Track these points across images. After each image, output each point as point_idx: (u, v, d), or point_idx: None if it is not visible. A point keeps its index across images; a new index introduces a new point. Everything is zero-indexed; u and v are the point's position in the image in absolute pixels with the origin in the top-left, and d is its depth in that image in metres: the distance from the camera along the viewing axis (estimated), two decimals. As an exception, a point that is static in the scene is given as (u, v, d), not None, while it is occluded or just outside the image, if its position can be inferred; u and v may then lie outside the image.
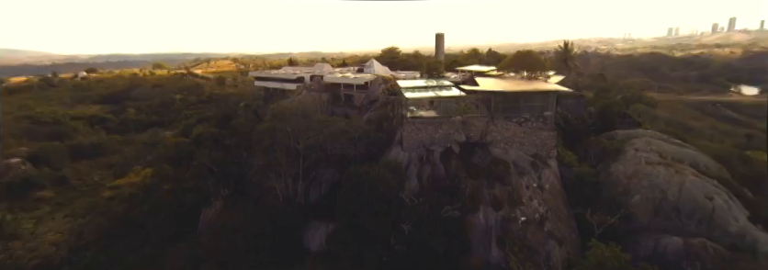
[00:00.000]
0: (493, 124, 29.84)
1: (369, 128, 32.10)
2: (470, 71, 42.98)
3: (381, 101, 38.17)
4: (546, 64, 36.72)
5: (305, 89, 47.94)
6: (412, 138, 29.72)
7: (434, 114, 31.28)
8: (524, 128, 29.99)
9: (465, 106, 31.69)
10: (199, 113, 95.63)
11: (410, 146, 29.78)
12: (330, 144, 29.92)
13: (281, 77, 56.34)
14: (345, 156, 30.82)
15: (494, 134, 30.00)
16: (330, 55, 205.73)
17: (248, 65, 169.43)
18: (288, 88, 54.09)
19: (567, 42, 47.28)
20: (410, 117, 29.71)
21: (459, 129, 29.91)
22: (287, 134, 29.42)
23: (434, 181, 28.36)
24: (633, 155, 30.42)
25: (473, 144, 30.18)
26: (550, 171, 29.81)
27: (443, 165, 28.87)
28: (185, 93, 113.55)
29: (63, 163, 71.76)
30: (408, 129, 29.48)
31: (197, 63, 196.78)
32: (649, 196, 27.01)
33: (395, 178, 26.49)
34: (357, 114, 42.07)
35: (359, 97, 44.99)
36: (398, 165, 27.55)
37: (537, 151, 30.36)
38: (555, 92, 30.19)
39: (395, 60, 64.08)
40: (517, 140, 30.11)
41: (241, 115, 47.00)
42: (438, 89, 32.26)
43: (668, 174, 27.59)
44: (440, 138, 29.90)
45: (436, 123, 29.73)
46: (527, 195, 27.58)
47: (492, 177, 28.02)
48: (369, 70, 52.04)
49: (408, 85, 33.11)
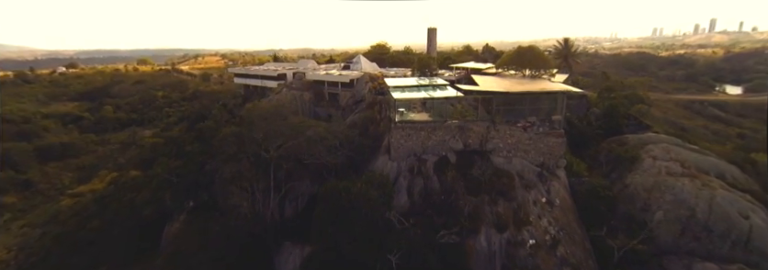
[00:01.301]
0: (495, 129, 25.19)
1: (352, 133, 27.15)
2: (466, 68, 38.26)
3: (368, 101, 33.20)
4: (549, 61, 32.15)
5: (285, 87, 42.61)
6: (402, 145, 24.91)
7: (427, 117, 26.50)
8: (529, 133, 25.42)
9: (462, 109, 27.01)
10: (181, 111, 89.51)
11: (399, 155, 24.98)
12: (305, 152, 24.91)
13: (261, 74, 50.83)
14: (325, 165, 25.89)
15: (496, 141, 25.37)
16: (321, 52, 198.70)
17: (237, 62, 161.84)
18: (269, 86, 48.72)
19: (567, 38, 42.87)
20: (399, 121, 24.86)
21: (456, 135, 25.20)
22: (254, 141, 24.30)
23: (426, 196, 23.66)
24: (651, 165, 26.18)
25: (472, 152, 25.53)
26: (560, 183, 25.38)
27: (437, 177, 24.17)
28: (167, 90, 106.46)
29: (30, 166, 65.29)
30: (396, 136, 24.65)
31: (185, 59, 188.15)
32: (675, 213, 22.78)
33: (381, 195, 21.69)
34: (342, 115, 37.06)
35: (344, 96, 39.94)
36: (384, 180, 22.75)
37: (544, 159, 25.87)
38: (564, 93, 25.66)
39: (384, 56, 58.94)
40: (522, 148, 25.55)
41: (214, 115, 41.53)
42: (431, 89, 27.45)
43: (694, 188, 23.38)
44: (434, 145, 25.16)
45: (429, 128, 24.95)
46: (535, 212, 23.12)
47: (495, 192, 23.44)
48: (356, 67, 46.89)
49: (397, 84, 28.20)
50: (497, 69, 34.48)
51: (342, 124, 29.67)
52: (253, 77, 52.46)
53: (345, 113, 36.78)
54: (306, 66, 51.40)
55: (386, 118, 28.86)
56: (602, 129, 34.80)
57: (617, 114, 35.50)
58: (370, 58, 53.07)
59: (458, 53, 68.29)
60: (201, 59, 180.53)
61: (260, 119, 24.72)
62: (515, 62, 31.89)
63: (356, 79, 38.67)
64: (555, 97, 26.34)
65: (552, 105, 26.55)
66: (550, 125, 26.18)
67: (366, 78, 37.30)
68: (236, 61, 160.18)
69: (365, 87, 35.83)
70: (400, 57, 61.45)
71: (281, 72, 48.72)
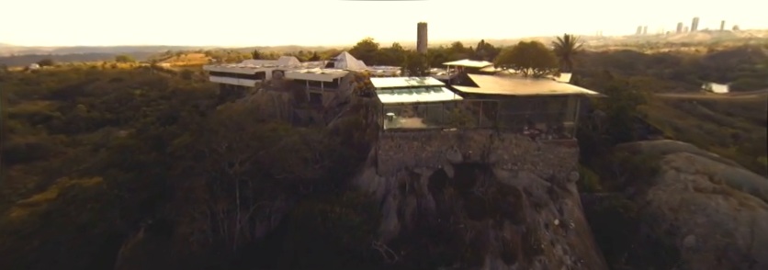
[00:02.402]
0: (499, 138, 21.25)
1: (333, 142, 22.87)
2: (460, 66, 34.24)
3: (352, 104, 28.91)
4: (554, 59, 28.34)
5: (262, 87, 37.93)
6: (391, 157, 20.77)
7: (421, 124, 22.41)
8: (538, 142, 21.58)
9: (460, 114, 22.99)
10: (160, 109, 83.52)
11: (387, 169, 20.84)
12: (278, 166, 20.57)
13: (238, 72, 45.95)
14: (301, 179, 21.61)
15: (500, 152, 21.43)
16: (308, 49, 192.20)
17: (221, 59, 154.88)
18: (246, 85, 43.96)
19: (568, 35, 39.23)
20: (387, 129, 20.69)
21: (454, 145, 21.17)
22: (215, 153, 19.85)
23: (420, 219, 19.61)
24: (675, 178, 22.64)
25: (472, 165, 21.56)
26: (573, 200, 21.63)
27: (433, 196, 20.14)
28: (146, 88, 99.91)
29: (-8, 169, 59.07)
30: (385, 147, 20.48)
31: (167, 56, 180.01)
32: (709, 238, 19.21)
33: (366, 220, 17.58)
34: (324, 118, 32.69)
35: (328, 97, 35.54)
36: (370, 201, 18.60)
37: (554, 172, 22.08)
38: (579, 96, 21.83)
39: (371, 53, 54.44)
40: (529, 160, 21.70)
41: (183, 118, 36.66)
42: (424, 90, 23.34)
43: (730, 208, 19.86)
44: (429, 157, 21.09)
45: (424, 137, 20.85)
46: (548, 237, 19.30)
47: (500, 213, 19.55)
48: (341, 64, 42.40)
49: (385, 85, 23.96)
50: (495, 67, 30.55)
51: (322, 130, 25.34)
52: (229, 75, 47.55)
53: (328, 116, 32.44)
54: (286, 64, 46.70)
55: (372, 124, 24.68)
56: (609, 133, 31.27)
57: (626, 117, 32.03)
58: (356, 55, 48.58)
59: (449, 51, 64.26)
60: (184, 56, 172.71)
61: (221, 127, 20.18)
62: (516, 60, 27.96)
63: (340, 78, 34.30)
64: (566, 101, 22.54)
65: (563, 109, 22.75)
66: (559, 132, 22.42)
67: (350, 77, 32.96)
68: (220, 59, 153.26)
69: (349, 88, 31.51)
70: (389, 54, 57.09)
71: (259, 70, 44.02)
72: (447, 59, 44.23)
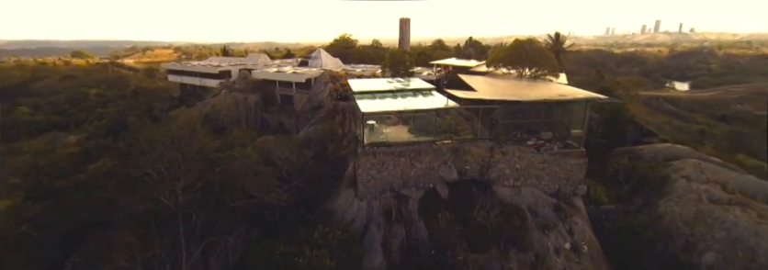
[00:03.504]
0: (500, 151, 17.96)
1: (304, 156, 18.81)
2: (448, 66, 30.85)
3: (327, 109, 24.85)
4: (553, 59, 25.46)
5: (226, 88, 33.02)
6: (373, 177, 17.00)
7: (407, 134, 18.78)
8: (543, 154, 18.49)
9: (452, 122, 19.54)
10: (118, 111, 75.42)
11: (369, 191, 17.07)
12: (231, 192, 16.31)
13: (200, 71, 40.54)
14: (265, 204, 17.44)
15: (501, 166, 18.16)
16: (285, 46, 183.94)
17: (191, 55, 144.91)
18: (209, 86, 38.73)
19: (558, 33, 36.72)
20: (368, 143, 16.87)
21: (449, 160, 17.68)
22: (150, 177, 15.32)
23: (410, 252, 15.99)
24: (686, 188, 20.27)
25: (469, 183, 18.20)
26: (581, 217, 18.73)
27: (425, 223, 16.57)
28: (103, 86, 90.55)
29: None
30: (366, 165, 16.68)
31: (132, 52, 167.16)
32: (730, 255, 16.88)
33: (344, 262, 13.77)
34: (295, 125, 28.43)
35: (300, 100, 31.20)
36: (348, 235, 14.76)
37: (560, 186, 19.12)
38: (588, 100, 18.87)
39: (349, 50, 50.19)
40: (533, 174, 18.59)
41: (131, 125, 31.27)
42: (411, 94, 19.68)
43: (749, 221, 17.61)
44: (418, 175, 17.49)
45: (412, 152, 17.20)
46: (559, 266, 16.28)
47: (504, 239, 16.31)
48: (315, 62, 38.00)
49: (365, 88, 20.06)
50: (487, 67, 27.34)
51: (291, 142, 21.17)
52: (190, 75, 42.01)
53: (300, 122, 28.20)
54: (256, 62, 41.70)
55: (350, 134, 20.79)
56: (604, 137, 28.96)
57: (622, 119, 29.81)
58: (333, 53, 44.21)
59: (430, 48, 60.98)
60: (150, 52, 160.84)
61: (159, 144, 15.61)
62: (512, 59, 24.82)
63: (314, 78, 30.06)
64: (571, 106, 19.58)
65: (569, 116, 19.80)
66: (563, 141, 19.44)
67: (325, 78, 28.80)
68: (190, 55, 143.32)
69: (324, 89, 27.38)
70: (368, 52, 52.98)
71: (224, 68, 38.90)
72: (432, 57, 40.84)
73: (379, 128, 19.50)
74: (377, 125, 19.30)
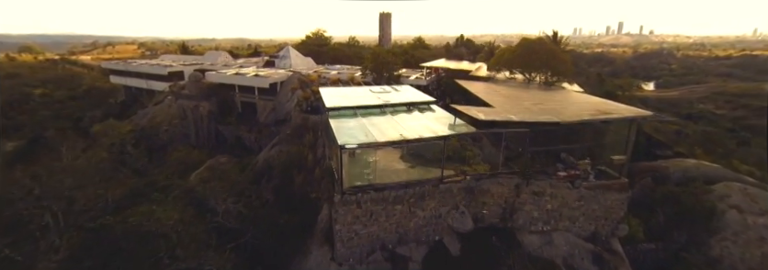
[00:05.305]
0: (529, 189, 12.95)
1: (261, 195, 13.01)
2: (440, 68, 25.63)
3: (294, 124, 18.94)
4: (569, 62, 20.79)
5: (172, 94, 26.29)
6: (357, 234, 11.51)
7: (401, 164, 13.36)
8: (580, 190, 13.67)
9: (458, 146, 14.33)
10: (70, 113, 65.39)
11: (351, 253, 11.58)
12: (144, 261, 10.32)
13: (146, 71, 33.23)
14: None
15: (528, 208, 13.18)
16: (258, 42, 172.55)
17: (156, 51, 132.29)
18: (157, 89, 31.63)
19: (557, 32, 32.43)
20: (349, 187, 11.31)
21: (460, 203, 12.47)
22: None
23: None
24: (740, 222, 16.16)
25: (487, 231, 13.13)
26: (624, 267, 14.21)
27: (431, 298, 11.39)
28: (51, 86, 78.93)
29: None
30: (346, 218, 11.15)
31: (92, 48, 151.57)
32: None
33: None
34: (257, 140, 22.40)
35: (264, 109, 25.06)
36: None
37: (597, 227, 14.47)
38: (635, 119, 14.18)
39: (323, 48, 43.87)
40: (567, 215, 13.77)
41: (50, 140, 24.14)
42: (405, 110, 14.25)
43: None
44: (420, 226, 12.17)
45: (411, 197, 11.82)
46: None
47: (539, 317, 11.37)
48: (283, 62, 31.65)
49: (343, 104, 14.36)
50: (489, 70, 22.34)
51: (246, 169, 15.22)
52: (135, 76, 34.61)
53: (263, 137, 22.17)
54: (214, 61, 34.79)
55: (323, 163, 15.08)
56: (616, 151, 24.83)
57: (633, 130, 25.76)
58: (305, 51, 37.89)
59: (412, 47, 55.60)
60: (111, 48, 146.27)
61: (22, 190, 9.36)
62: (522, 62, 19.89)
63: (280, 83, 23.98)
64: (607, 127, 14.89)
65: (604, 137, 15.13)
66: (593, 172, 14.72)
67: (293, 82, 22.80)
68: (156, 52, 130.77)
69: (291, 98, 21.42)
70: (345, 50, 46.94)
71: (175, 69, 31.87)
72: (415, 56, 35.52)
73: (362, 154, 13.97)
74: (358, 151, 13.77)
